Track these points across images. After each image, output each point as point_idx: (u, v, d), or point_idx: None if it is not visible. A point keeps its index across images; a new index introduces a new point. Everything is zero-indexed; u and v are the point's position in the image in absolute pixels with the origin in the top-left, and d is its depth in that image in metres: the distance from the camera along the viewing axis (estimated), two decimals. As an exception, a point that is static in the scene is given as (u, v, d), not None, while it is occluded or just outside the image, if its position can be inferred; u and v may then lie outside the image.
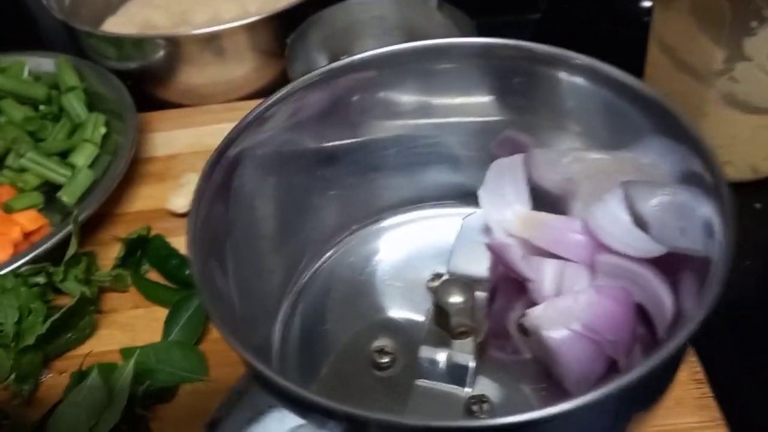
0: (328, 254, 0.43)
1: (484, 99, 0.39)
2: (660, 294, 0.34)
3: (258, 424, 0.25)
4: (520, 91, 0.39)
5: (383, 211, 0.44)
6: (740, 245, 0.55)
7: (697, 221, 0.32)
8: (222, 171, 0.34)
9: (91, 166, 0.60)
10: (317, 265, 0.42)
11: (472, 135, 0.41)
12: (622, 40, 0.63)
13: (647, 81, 0.59)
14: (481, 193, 0.41)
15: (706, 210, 0.31)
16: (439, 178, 0.43)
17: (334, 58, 0.50)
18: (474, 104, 0.39)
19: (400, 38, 0.64)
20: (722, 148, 0.55)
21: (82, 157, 0.60)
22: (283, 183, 0.38)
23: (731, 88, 0.51)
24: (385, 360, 0.37)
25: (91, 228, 0.57)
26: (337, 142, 0.40)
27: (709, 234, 0.31)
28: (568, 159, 0.39)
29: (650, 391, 0.29)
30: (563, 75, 0.37)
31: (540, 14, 0.83)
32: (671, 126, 0.34)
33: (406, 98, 0.39)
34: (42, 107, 0.64)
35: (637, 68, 0.58)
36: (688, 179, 0.34)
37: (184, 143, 0.64)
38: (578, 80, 0.37)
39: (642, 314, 0.36)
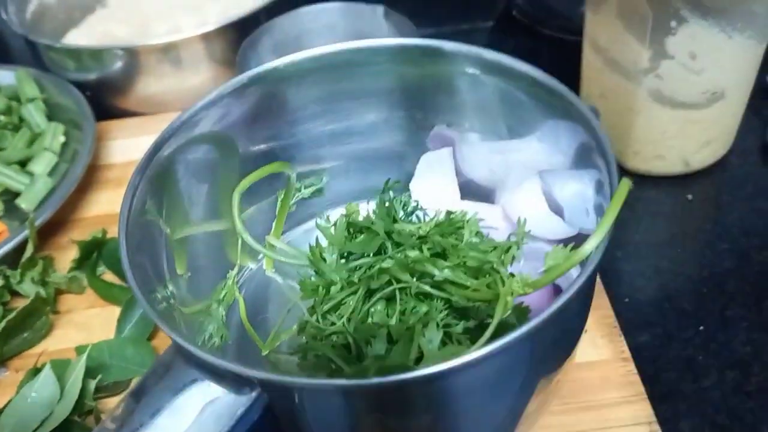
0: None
1: (404, 95, 0.42)
2: (571, 272, 0.36)
3: (182, 395, 0.27)
4: (433, 88, 0.41)
5: (324, 207, 0.46)
6: (673, 234, 0.58)
7: (595, 202, 0.34)
8: (154, 170, 0.36)
9: (50, 174, 0.62)
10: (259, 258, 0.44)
11: (401, 131, 0.43)
12: (566, 44, 0.66)
13: (584, 81, 0.62)
14: (413, 185, 0.43)
15: (604, 191, 0.34)
16: (376, 172, 0.46)
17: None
18: (397, 101, 0.42)
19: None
20: (654, 143, 0.58)
21: (40, 166, 0.62)
22: (217, 183, 0.40)
23: (658, 85, 0.54)
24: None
25: (49, 233, 0.59)
26: (271, 143, 0.42)
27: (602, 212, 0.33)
28: (490, 152, 0.41)
29: (547, 349, 0.31)
30: (466, 69, 0.40)
31: (493, 22, 0.86)
32: (565, 108, 0.36)
33: (334, 96, 0.41)
34: (2, 118, 0.66)
35: (577, 69, 0.61)
36: (585, 158, 0.36)
37: (142, 150, 0.66)
38: (478, 72, 0.40)
39: (557, 291, 0.38)
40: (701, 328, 0.50)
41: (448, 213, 0.35)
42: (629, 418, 0.43)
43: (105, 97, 0.72)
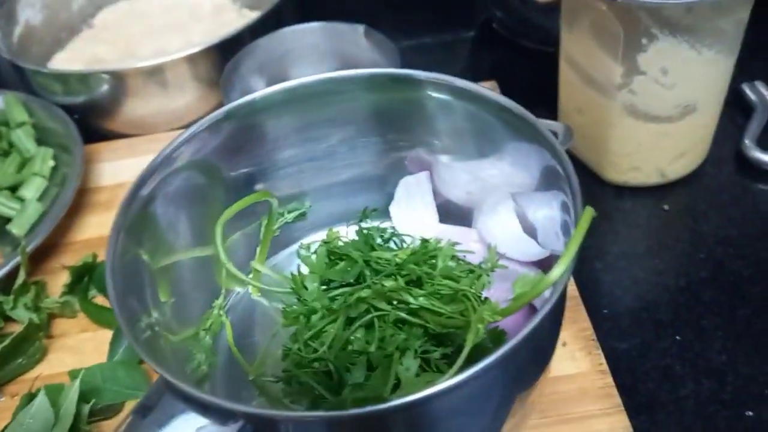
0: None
1: (379, 121, 0.43)
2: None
3: (168, 426, 0.28)
4: (406, 113, 0.42)
5: (308, 230, 0.48)
6: (650, 245, 0.60)
7: (562, 224, 0.36)
8: (138, 207, 0.37)
9: (40, 198, 0.63)
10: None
11: (380, 155, 0.45)
12: (546, 57, 0.68)
13: (561, 96, 0.63)
14: (393, 209, 0.44)
15: (570, 214, 0.35)
16: (358, 195, 0.47)
17: (272, 84, 0.53)
18: (373, 127, 0.43)
19: (333, 64, 0.67)
20: (630, 155, 0.59)
21: (31, 190, 0.63)
22: (198, 213, 0.41)
23: (632, 100, 0.56)
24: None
25: (41, 257, 0.60)
26: (253, 170, 0.43)
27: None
28: (466, 174, 0.43)
29: (521, 368, 0.32)
30: (436, 95, 0.41)
31: (474, 33, 0.87)
32: (532, 133, 0.37)
33: (312, 125, 0.43)
34: (-8, 143, 0.67)
35: (557, 82, 0.63)
36: (553, 181, 0.37)
37: (131, 172, 0.66)
38: (448, 98, 0.41)
39: (532, 310, 0.39)
40: (678, 337, 0.52)
41: (423, 241, 0.37)
42: (607, 430, 0.44)
43: (93, 119, 0.73)
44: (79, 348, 0.54)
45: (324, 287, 0.37)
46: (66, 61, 0.80)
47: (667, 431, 0.46)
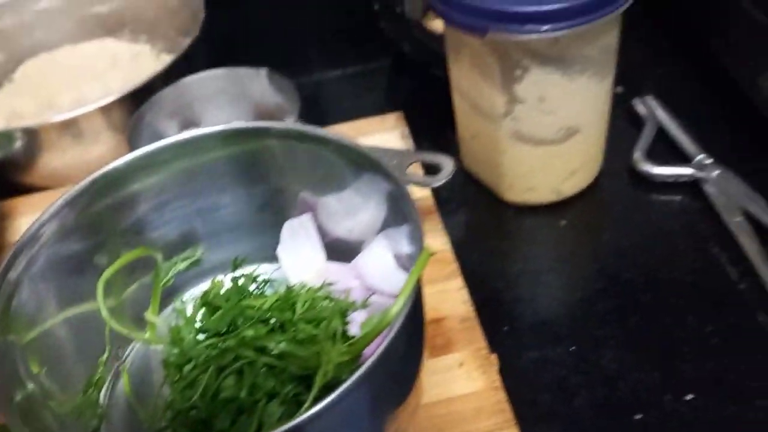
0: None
1: (250, 169, 0.45)
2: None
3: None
4: (272, 160, 0.44)
5: (204, 275, 0.49)
6: (549, 260, 0.62)
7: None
8: (5, 295, 0.38)
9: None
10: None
11: (262, 199, 0.47)
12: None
13: (457, 123, 0.66)
14: (280, 252, 0.46)
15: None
16: (250, 240, 0.49)
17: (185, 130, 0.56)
18: (247, 175, 0.45)
19: (240, 107, 0.69)
20: (523, 177, 0.62)
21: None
22: (71, 286, 0.43)
23: (517, 126, 0.58)
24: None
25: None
26: (139, 226, 0.45)
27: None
28: (344, 213, 0.45)
29: (376, 397, 0.34)
30: (287, 141, 0.43)
31: (390, 61, 0.90)
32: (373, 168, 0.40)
33: (190, 178, 0.45)
34: None
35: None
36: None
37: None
38: (298, 143, 0.43)
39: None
40: (572, 348, 0.54)
41: (288, 288, 0.39)
42: (500, 445, 0.46)
43: (9, 174, 0.74)
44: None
45: (203, 338, 0.38)
46: (-15, 118, 0.81)
47: (561, 441, 0.49)
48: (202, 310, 0.40)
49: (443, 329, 0.53)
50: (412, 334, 0.36)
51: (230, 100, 0.69)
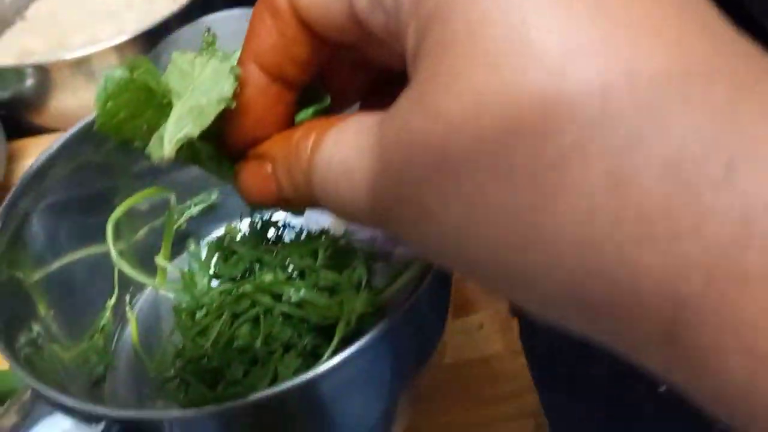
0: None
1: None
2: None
3: (34, 429, 0.28)
4: None
5: (220, 221, 0.47)
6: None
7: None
8: (14, 226, 0.36)
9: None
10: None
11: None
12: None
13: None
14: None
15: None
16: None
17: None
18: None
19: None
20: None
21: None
22: (82, 226, 0.41)
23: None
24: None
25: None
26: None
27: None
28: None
29: (396, 354, 0.32)
30: None
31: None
32: None
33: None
34: None
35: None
36: None
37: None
38: None
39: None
40: (597, 315, 0.52)
41: (308, 233, 0.36)
42: (518, 410, 0.45)
43: (20, 114, 0.72)
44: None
45: (217, 284, 0.36)
46: (-3, 55, 0.79)
47: (580, 407, 0.47)
48: (216, 256, 0.38)
49: (463, 290, 0.51)
50: (440, 288, 0.34)
51: (247, 43, 0.67)
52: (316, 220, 0.39)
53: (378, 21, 0.20)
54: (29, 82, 0.69)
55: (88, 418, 0.28)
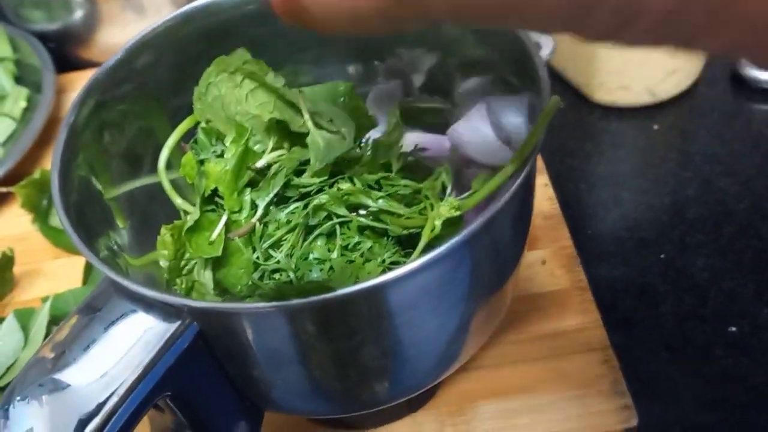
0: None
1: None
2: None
3: (114, 327, 0.27)
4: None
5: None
6: (636, 165, 0.58)
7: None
8: (91, 105, 0.35)
9: (6, 142, 0.61)
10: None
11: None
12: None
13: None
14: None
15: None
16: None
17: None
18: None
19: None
20: (618, 73, 0.57)
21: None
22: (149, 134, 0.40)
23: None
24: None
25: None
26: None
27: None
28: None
29: (477, 264, 0.30)
30: None
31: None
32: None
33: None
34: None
35: None
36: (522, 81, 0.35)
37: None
38: None
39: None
40: (661, 256, 0.50)
41: (376, 142, 0.34)
42: (584, 345, 0.43)
43: (69, 48, 0.71)
44: (53, 275, 0.53)
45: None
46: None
47: (645, 347, 0.46)
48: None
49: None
50: (525, 201, 0.33)
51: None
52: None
53: None
54: (78, 14, 0.68)
55: (171, 315, 0.27)
